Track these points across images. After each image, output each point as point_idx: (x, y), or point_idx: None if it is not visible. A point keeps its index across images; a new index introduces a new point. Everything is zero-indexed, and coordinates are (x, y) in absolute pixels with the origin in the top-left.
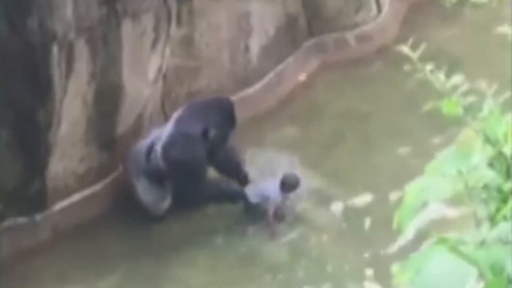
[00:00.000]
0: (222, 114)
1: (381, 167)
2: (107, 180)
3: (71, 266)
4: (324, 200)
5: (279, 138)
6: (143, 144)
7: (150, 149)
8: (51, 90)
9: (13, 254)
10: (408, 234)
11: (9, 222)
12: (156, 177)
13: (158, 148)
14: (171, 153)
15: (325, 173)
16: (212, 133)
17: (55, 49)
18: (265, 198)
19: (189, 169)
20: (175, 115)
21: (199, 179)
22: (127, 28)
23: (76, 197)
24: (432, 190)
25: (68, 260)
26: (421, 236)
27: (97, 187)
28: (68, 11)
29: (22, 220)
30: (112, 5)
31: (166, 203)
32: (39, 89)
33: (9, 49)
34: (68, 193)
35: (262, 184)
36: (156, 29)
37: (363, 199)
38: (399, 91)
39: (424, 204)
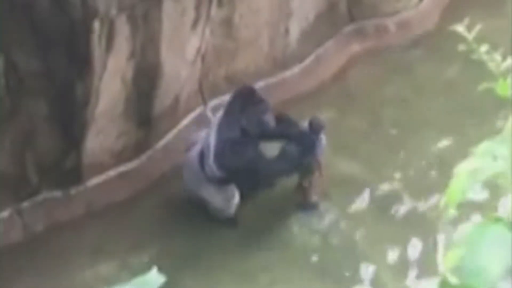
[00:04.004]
0: (243, 101)
1: (417, 154)
2: (143, 158)
3: (103, 241)
4: (357, 186)
5: None
6: (194, 153)
7: (202, 158)
8: (91, 66)
9: (47, 226)
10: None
11: (44, 195)
12: (218, 181)
13: (210, 160)
14: (225, 163)
15: (360, 159)
16: (244, 123)
17: (96, 25)
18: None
19: (248, 171)
20: (216, 121)
21: (260, 173)
22: (168, 6)
23: (111, 173)
24: (483, 171)
25: (101, 235)
26: None
27: (133, 164)
28: None
29: (57, 193)
30: None
31: (236, 199)
32: (79, 65)
33: (51, 24)
34: (103, 169)
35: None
36: (197, 8)
37: (397, 186)
38: (438, 79)
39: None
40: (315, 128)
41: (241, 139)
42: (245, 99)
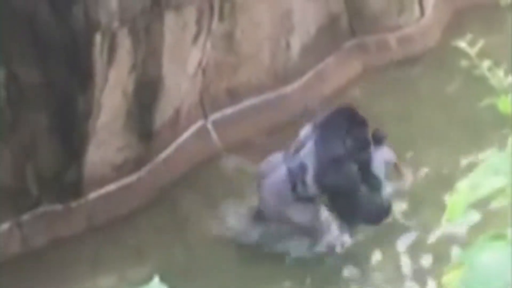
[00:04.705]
0: (349, 122)
1: (417, 170)
2: (143, 172)
3: (103, 255)
4: None
5: None
6: (278, 175)
7: (293, 179)
8: (92, 79)
9: (47, 239)
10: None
11: (44, 207)
12: (308, 198)
13: (308, 178)
14: (327, 182)
15: None
16: (349, 144)
17: (98, 38)
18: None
19: (348, 191)
20: (306, 141)
21: (357, 195)
22: (169, 20)
23: (111, 186)
24: (485, 186)
25: (100, 248)
26: None
27: (133, 178)
28: (113, 1)
29: (57, 206)
30: None
31: (323, 215)
32: (80, 77)
33: (53, 36)
34: (104, 182)
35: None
36: (198, 22)
37: (397, 201)
38: (439, 95)
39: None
40: (378, 140)
41: (343, 157)
42: (351, 120)
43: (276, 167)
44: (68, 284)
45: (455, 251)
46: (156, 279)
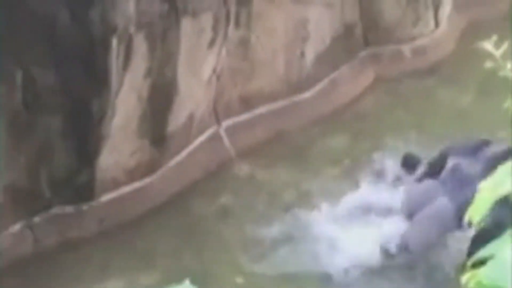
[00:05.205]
0: (492, 158)
1: None
2: (155, 176)
3: (114, 259)
4: (366, 211)
5: (327, 145)
6: (438, 210)
7: (461, 216)
8: (107, 82)
9: (58, 241)
10: None
11: (56, 210)
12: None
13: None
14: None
15: None
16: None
17: (114, 42)
18: None
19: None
20: (470, 176)
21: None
22: (186, 25)
23: (124, 190)
24: (507, 185)
25: (111, 252)
26: None
27: (145, 182)
28: (130, 5)
29: (69, 209)
30: (173, 2)
31: None
32: (96, 80)
33: (69, 39)
34: (116, 185)
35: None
36: (214, 29)
37: None
38: (453, 106)
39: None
40: (410, 165)
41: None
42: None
43: (432, 198)
44: (78, 287)
45: None
46: (187, 282)
